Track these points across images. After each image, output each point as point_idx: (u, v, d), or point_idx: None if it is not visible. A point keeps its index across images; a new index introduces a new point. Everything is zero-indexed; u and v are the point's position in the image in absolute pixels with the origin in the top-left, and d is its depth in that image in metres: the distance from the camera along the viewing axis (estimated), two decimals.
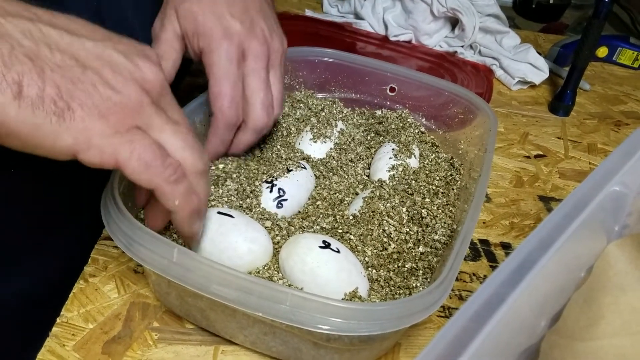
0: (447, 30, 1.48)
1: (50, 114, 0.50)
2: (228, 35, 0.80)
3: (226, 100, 0.79)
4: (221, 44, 0.79)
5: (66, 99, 0.51)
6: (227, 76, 0.79)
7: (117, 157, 0.53)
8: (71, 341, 0.70)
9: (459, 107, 1.00)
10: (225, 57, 0.79)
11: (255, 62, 0.82)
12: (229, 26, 0.81)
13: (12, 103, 0.48)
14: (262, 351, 0.70)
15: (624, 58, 1.56)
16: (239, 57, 0.81)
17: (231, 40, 0.80)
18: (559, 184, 1.11)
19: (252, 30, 0.82)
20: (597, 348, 0.56)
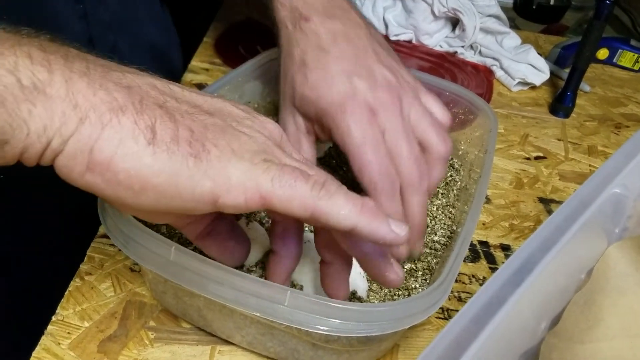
0: (447, 30, 1.48)
1: (187, 156, 0.49)
2: (349, 98, 0.72)
3: (373, 171, 0.70)
4: (345, 111, 0.71)
5: (201, 139, 0.50)
6: (364, 143, 0.71)
7: (260, 189, 0.50)
8: (67, 339, 0.70)
9: (460, 107, 1.00)
10: (354, 122, 0.71)
11: (386, 112, 0.73)
12: (347, 89, 0.73)
13: (147, 149, 0.47)
14: (259, 352, 0.70)
15: (624, 60, 1.56)
16: (368, 116, 0.72)
17: (354, 102, 0.72)
18: (559, 185, 1.10)
19: (373, 81, 0.74)
20: (596, 350, 0.56)
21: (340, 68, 0.74)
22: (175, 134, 0.49)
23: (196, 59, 1.32)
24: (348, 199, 0.52)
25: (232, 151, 0.51)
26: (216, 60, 1.33)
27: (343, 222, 0.51)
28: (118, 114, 0.47)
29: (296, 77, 0.76)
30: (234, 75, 0.92)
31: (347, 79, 0.73)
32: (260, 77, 0.97)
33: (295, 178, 0.51)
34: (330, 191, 0.51)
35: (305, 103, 0.75)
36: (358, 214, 0.51)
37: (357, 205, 0.52)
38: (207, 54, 1.35)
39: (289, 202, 0.50)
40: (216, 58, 1.33)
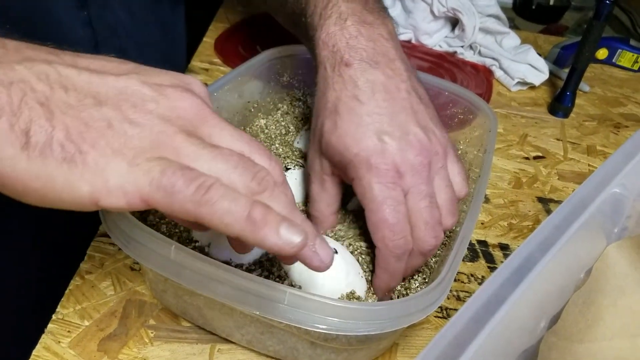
0: (447, 30, 1.48)
1: (61, 161, 0.46)
2: (377, 154, 0.70)
3: (388, 230, 0.68)
4: (370, 167, 0.69)
5: (77, 141, 0.47)
6: (384, 201, 0.68)
7: (140, 192, 0.48)
8: (67, 338, 0.70)
9: (459, 107, 1.00)
10: (377, 180, 0.69)
11: (412, 177, 0.70)
12: (375, 146, 0.70)
13: (21, 155, 0.46)
14: (258, 350, 0.71)
15: (623, 60, 1.56)
16: (393, 176, 0.69)
17: (381, 159, 0.69)
18: (558, 185, 1.11)
19: (405, 142, 0.71)
20: (595, 350, 0.56)
21: (372, 123, 0.71)
22: (50, 137, 0.46)
23: (196, 58, 1.33)
24: (233, 206, 0.48)
25: (112, 151, 0.48)
26: (216, 60, 1.33)
27: (227, 230, 0.49)
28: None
29: (326, 122, 0.74)
30: (233, 75, 0.92)
31: (377, 135, 0.70)
32: (259, 77, 0.97)
33: (174, 183, 0.47)
34: (213, 198, 0.48)
35: (331, 150, 0.73)
36: (242, 223, 0.48)
37: (242, 214, 0.48)
38: (207, 54, 1.35)
39: (169, 206, 0.48)
40: (216, 58, 1.34)
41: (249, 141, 0.55)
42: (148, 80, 0.53)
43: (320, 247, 0.53)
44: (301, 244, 0.49)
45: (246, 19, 1.49)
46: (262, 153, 0.55)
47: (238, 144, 0.54)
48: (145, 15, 1.00)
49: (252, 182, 0.51)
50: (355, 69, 0.73)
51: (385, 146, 0.70)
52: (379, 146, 0.70)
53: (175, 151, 0.50)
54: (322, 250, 0.53)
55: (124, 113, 0.50)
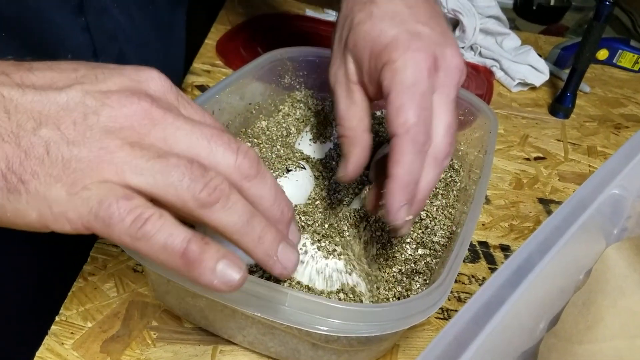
0: None
1: (4, 191, 0.46)
2: (417, 38, 0.66)
3: (412, 114, 0.63)
4: (408, 48, 0.65)
5: (18, 171, 0.46)
6: (415, 85, 0.64)
7: (82, 220, 0.46)
8: (70, 339, 0.70)
9: (459, 108, 1.00)
10: (414, 63, 0.64)
11: (446, 76, 0.67)
12: (418, 30, 0.67)
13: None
14: (260, 351, 0.71)
15: (624, 61, 1.56)
16: (430, 66, 0.65)
17: (422, 44, 0.65)
18: (558, 186, 1.11)
19: (445, 39, 0.68)
20: (595, 351, 0.57)
21: (411, 13, 0.69)
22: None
23: (197, 60, 1.33)
24: (168, 242, 0.46)
25: (52, 178, 0.46)
26: (217, 62, 1.33)
27: (163, 265, 0.47)
28: None
29: (358, 15, 0.70)
30: (235, 77, 0.92)
31: (418, 24, 0.67)
32: (261, 79, 0.97)
33: (111, 215, 0.45)
34: (149, 232, 0.46)
35: (362, 40, 0.69)
36: (177, 261, 0.46)
37: (178, 251, 0.46)
38: (209, 56, 1.35)
39: (109, 236, 0.46)
40: (217, 60, 1.34)
41: (209, 137, 0.50)
42: (92, 89, 0.49)
43: (283, 252, 0.51)
44: (239, 282, 0.47)
45: (247, 21, 1.49)
46: (225, 149, 0.50)
47: (196, 143, 0.50)
48: (143, 20, 1.00)
49: (201, 193, 0.47)
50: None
51: (426, 34, 0.67)
52: (419, 32, 0.67)
53: (117, 169, 0.47)
54: (284, 255, 0.51)
55: (63, 133, 0.47)
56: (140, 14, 0.98)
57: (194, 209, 0.47)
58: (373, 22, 0.68)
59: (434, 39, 0.67)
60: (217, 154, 0.50)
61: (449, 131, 0.66)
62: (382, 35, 0.67)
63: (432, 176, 0.65)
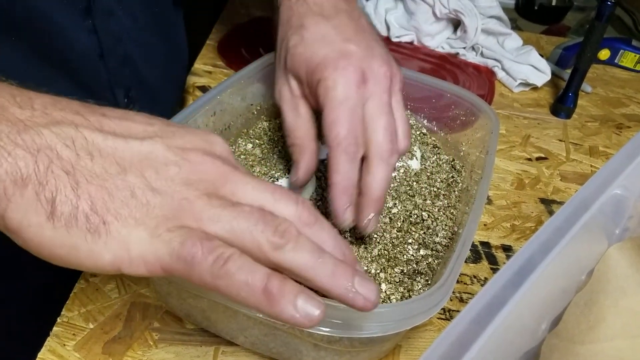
0: (449, 32, 1.49)
1: (85, 232, 0.47)
2: (344, 57, 0.72)
3: (342, 128, 0.69)
4: (337, 67, 0.72)
5: (101, 212, 0.48)
6: (345, 101, 0.70)
7: (160, 262, 0.49)
8: (72, 341, 0.70)
9: (461, 108, 1.00)
10: (343, 80, 0.71)
11: (375, 85, 0.73)
12: (344, 49, 0.73)
13: (47, 224, 0.47)
14: (262, 352, 0.71)
15: (626, 61, 1.56)
16: (358, 80, 0.72)
17: (348, 62, 0.72)
18: (560, 186, 1.11)
19: (370, 52, 0.75)
20: (597, 351, 0.57)
21: (339, 33, 0.75)
22: (75, 208, 0.47)
23: (199, 61, 1.33)
24: (249, 279, 0.48)
25: (134, 221, 0.49)
26: (219, 63, 1.33)
27: (244, 303, 0.48)
28: (21, 187, 0.46)
29: (292, 38, 0.77)
30: (236, 78, 0.92)
31: (344, 42, 0.74)
32: (263, 80, 0.97)
33: (193, 255, 0.48)
34: (230, 270, 0.48)
35: (297, 62, 0.75)
36: (259, 296, 0.48)
37: (259, 287, 0.48)
38: (210, 57, 1.35)
39: (188, 276, 0.49)
40: (219, 60, 1.34)
41: (272, 191, 0.55)
42: (171, 144, 0.53)
43: (360, 284, 0.51)
44: (319, 317, 0.48)
45: (249, 22, 1.49)
46: (286, 200, 0.55)
47: (262, 196, 0.54)
48: (147, 22, 1.00)
49: (273, 236, 0.50)
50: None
51: (352, 51, 0.73)
52: (346, 51, 0.73)
53: (196, 216, 0.50)
54: (362, 287, 0.51)
55: (147, 180, 0.50)
56: (144, 15, 0.99)
57: (268, 251, 0.50)
58: (305, 45, 0.75)
59: (360, 54, 0.73)
60: (280, 205, 0.54)
61: (388, 130, 0.72)
62: (314, 56, 0.74)
63: (382, 174, 0.71)
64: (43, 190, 0.47)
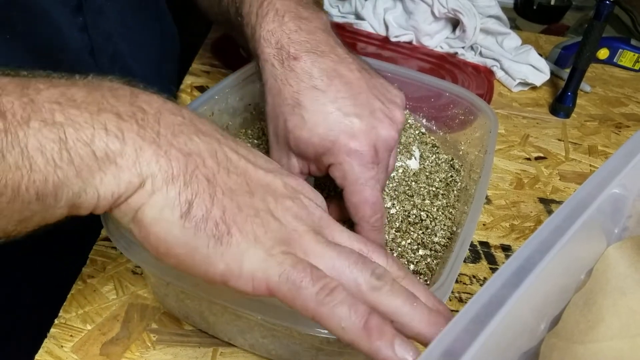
0: (448, 31, 1.49)
1: (210, 237, 0.50)
2: (354, 138, 0.72)
3: (368, 209, 0.72)
4: (349, 151, 0.72)
5: (228, 222, 0.51)
6: (365, 182, 0.72)
7: (268, 282, 0.51)
8: (69, 342, 0.70)
9: (460, 108, 1.00)
10: (358, 162, 0.72)
11: (384, 151, 0.75)
12: (350, 129, 0.72)
13: (179, 221, 0.50)
14: (261, 354, 0.71)
15: (625, 60, 1.56)
16: (373, 157, 0.73)
17: (359, 142, 0.72)
18: (559, 186, 1.11)
19: (373, 118, 0.74)
20: (596, 351, 0.56)
21: (339, 108, 0.73)
22: (208, 213, 0.51)
23: (197, 61, 1.33)
24: (352, 312, 0.50)
25: (254, 238, 0.52)
26: (216, 63, 1.33)
27: (342, 334, 0.50)
28: (169, 183, 0.50)
29: (291, 119, 0.74)
30: (234, 78, 0.92)
31: (348, 119, 0.73)
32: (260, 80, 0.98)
33: (302, 279, 0.50)
34: (335, 300, 0.50)
35: (303, 144, 0.74)
36: (359, 331, 0.49)
37: (360, 321, 0.49)
38: (207, 57, 1.35)
39: (292, 300, 0.50)
40: (216, 60, 1.34)
41: (365, 242, 0.58)
42: (287, 182, 0.59)
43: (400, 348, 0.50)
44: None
45: None
46: (379, 252, 0.58)
47: (356, 245, 0.57)
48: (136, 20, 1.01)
49: (371, 277, 0.53)
50: (305, 60, 0.75)
51: (359, 128, 0.72)
52: (353, 130, 0.72)
53: (303, 248, 0.53)
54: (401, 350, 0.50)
55: (268, 205, 0.55)
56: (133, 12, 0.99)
57: (366, 291, 0.52)
58: (309, 129, 0.73)
59: (366, 127, 0.73)
60: (373, 255, 0.57)
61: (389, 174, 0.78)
62: (323, 141, 0.73)
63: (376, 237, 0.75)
64: (186, 190, 0.51)
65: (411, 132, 1.00)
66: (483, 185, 0.79)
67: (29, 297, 0.95)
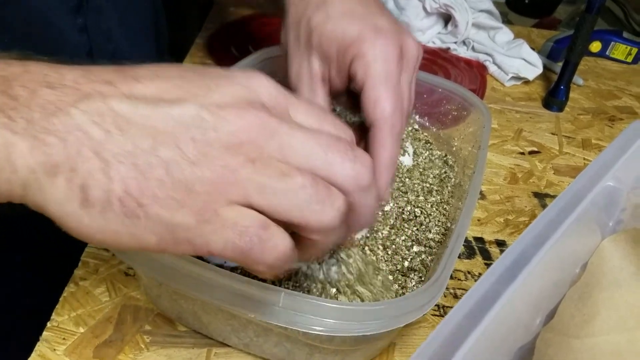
0: (440, 27, 1.49)
1: (122, 216, 0.44)
2: (380, 33, 0.70)
3: (388, 104, 0.67)
4: (375, 43, 0.69)
5: (135, 194, 0.44)
6: (388, 77, 0.69)
7: (209, 248, 0.46)
8: (62, 345, 0.70)
9: (453, 104, 1.00)
10: (383, 56, 0.69)
11: (408, 62, 0.72)
12: (377, 25, 0.71)
13: (82, 211, 0.44)
14: (255, 353, 0.71)
15: (617, 53, 1.57)
16: (397, 56, 0.70)
17: (386, 38, 0.70)
18: (553, 180, 1.11)
19: (400, 27, 0.73)
20: (592, 345, 0.56)
21: (365, 7, 0.73)
22: (108, 192, 0.44)
23: (189, 60, 1.33)
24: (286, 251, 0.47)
25: (175, 203, 0.45)
26: (208, 61, 1.34)
27: None
28: (51, 176, 0.44)
29: (314, 16, 0.73)
30: None
31: (375, 17, 0.72)
32: None
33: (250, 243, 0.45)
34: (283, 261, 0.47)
35: (326, 40, 0.72)
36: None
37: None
38: (199, 55, 1.36)
39: (240, 262, 0.46)
40: (208, 59, 1.35)
41: (326, 145, 0.49)
42: (206, 102, 0.47)
43: None
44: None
45: (238, 19, 1.49)
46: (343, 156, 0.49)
47: (312, 152, 0.48)
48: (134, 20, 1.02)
49: (326, 217, 0.47)
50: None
51: (385, 27, 0.71)
52: (380, 26, 0.70)
53: (240, 190, 0.46)
54: None
55: (182, 151, 0.45)
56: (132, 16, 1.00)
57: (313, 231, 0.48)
58: (334, 22, 0.71)
59: (394, 30, 0.71)
60: (334, 167, 0.49)
61: (410, 106, 0.73)
62: (347, 33, 0.70)
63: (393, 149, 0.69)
64: (75, 176, 0.43)
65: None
66: (477, 180, 0.79)
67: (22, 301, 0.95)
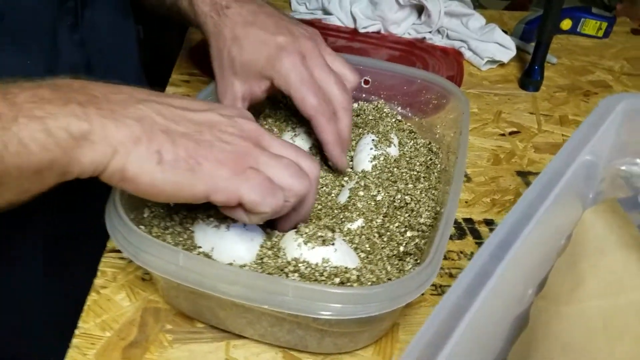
0: (414, 18, 1.51)
1: (186, 170, 0.64)
2: (282, 50, 0.87)
3: (312, 98, 0.85)
4: (281, 59, 0.86)
5: (194, 156, 0.65)
6: (302, 79, 0.86)
7: (238, 193, 0.65)
8: (92, 350, 0.73)
9: (432, 93, 1.03)
10: (291, 65, 0.86)
11: (311, 56, 0.88)
12: (278, 44, 0.88)
13: (157, 168, 0.63)
14: (270, 342, 0.74)
15: (587, 29, 1.59)
16: (300, 60, 0.87)
17: (287, 51, 0.87)
18: (534, 158, 1.14)
19: (293, 35, 0.89)
20: (581, 310, 0.59)
21: (266, 32, 0.89)
22: (176, 155, 0.64)
23: (176, 72, 1.35)
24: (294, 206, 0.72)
25: (218, 162, 0.66)
26: (195, 72, 1.35)
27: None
28: (136, 143, 0.63)
29: (232, 49, 0.90)
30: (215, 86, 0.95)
31: (274, 37, 0.88)
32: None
33: (265, 192, 0.67)
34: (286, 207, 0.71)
35: (247, 67, 0.90)
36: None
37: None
38: (185, 66, 1.37)
39: (257, 205, 0.67)
40: (194, 69, 1.36)
41: (295, 150, 0.75)
42: (222, 113, 0.72)
43: None
44: None
45: None
46: (304, 157, 0.75)
47: (287, 152, 0.73)
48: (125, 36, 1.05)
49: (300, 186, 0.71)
50: (234, 7, 0.92)
51: (283, 42, 0.88)
52: (280, 44, 0.88)
53: (255, 159, 0.68)
54: None
55: (217, 135, 0.69)
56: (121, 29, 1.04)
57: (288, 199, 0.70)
58: (249, 53, 0.89)
59: (289, 40, 0.89)
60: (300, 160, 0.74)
61: (338, 84, 0.89)
62: (260, 58, 0.89)
63: (347, 120, 0.90)
64: (151, 144, 0.63)
65: (388, 120, 1.02)
66: (461, 164, 0.82)
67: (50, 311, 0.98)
